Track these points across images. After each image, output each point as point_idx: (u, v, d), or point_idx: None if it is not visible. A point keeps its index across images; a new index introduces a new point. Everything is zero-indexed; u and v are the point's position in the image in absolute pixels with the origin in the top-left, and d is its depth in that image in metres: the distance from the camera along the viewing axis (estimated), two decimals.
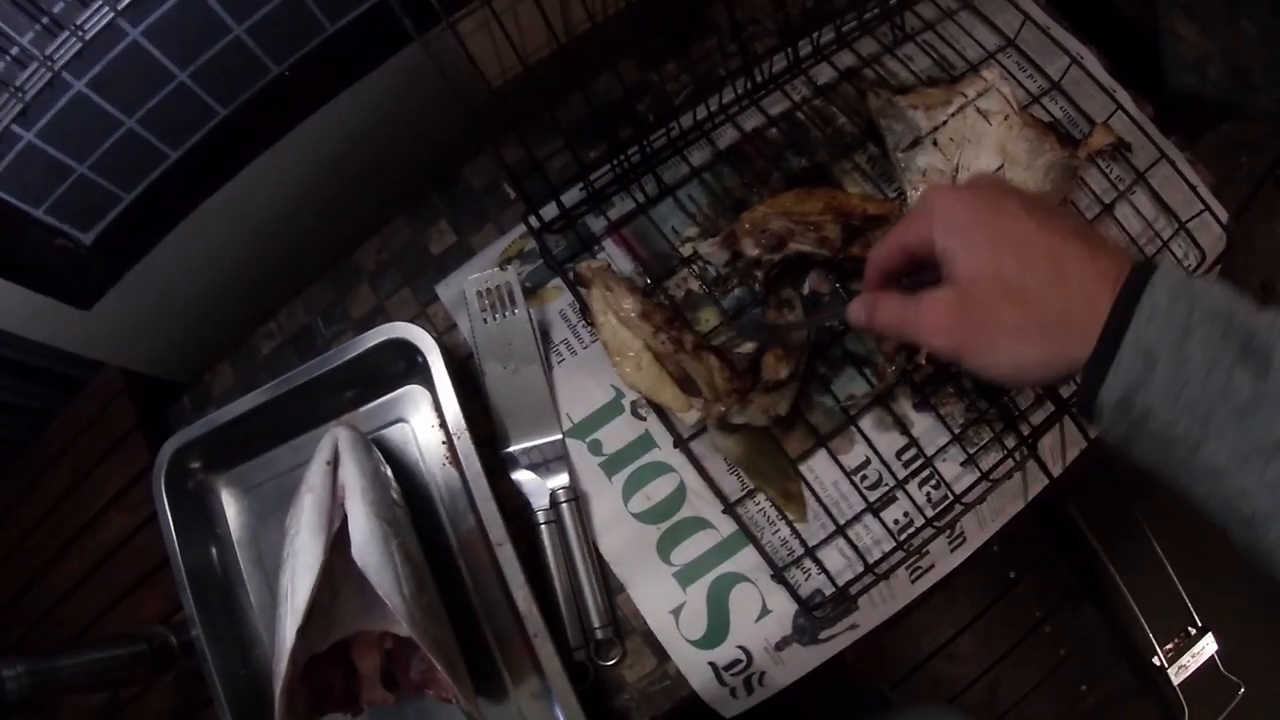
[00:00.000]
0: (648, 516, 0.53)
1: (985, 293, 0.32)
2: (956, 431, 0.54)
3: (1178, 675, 0.66)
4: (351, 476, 0.49)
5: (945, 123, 0.59)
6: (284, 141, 0.57)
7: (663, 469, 0.53)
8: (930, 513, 0.53)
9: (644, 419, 0.54)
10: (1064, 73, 0.61)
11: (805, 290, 0.55)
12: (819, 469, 0.53)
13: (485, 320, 0.55)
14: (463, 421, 0.51)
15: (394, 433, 0.57)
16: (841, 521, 0.52)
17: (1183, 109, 0.73)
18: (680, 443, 0.51)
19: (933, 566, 0.54)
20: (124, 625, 0.61)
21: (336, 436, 0.51)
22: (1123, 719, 1.01)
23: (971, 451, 0.54)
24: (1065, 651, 1.03)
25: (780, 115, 0.61)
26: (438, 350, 0.52)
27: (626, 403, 0.55)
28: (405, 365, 0.56)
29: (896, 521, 0.53)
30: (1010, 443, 0.54)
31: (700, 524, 0.52)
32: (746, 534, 0.51)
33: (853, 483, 0.53)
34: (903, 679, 1.04)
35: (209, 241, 0.60)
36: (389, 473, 0.53)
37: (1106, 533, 0.70)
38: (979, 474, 0.53)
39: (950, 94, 0.59)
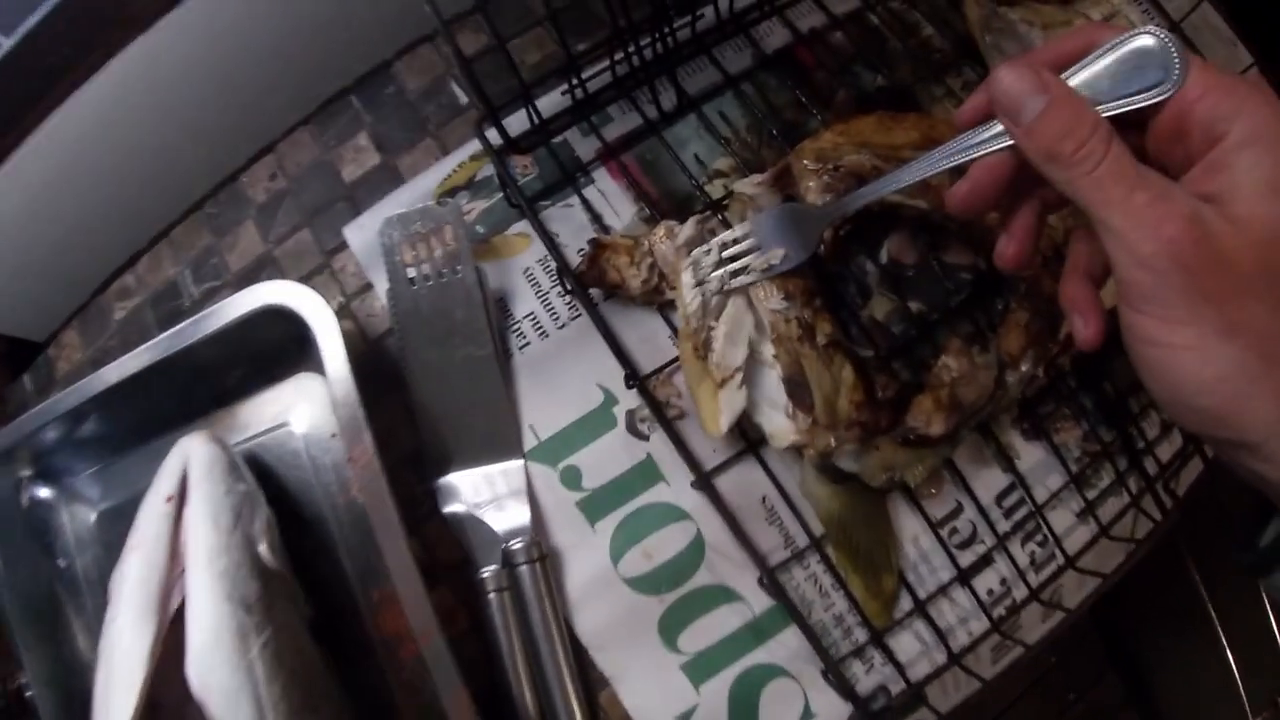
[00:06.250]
0: (648, 583, 0.34)
1: (1263, 253, 0.19)
2: (1074, 470, 0.36)
3: None
4: (200, 526, 0.30)
5: None
6: (159, 26, 0.36)
7: (672, 514, 0.34)
8: (1035, 580, 0.35)
9: (646, 438, 0.34)
10: (1186, 14, 0.45)
11: (883, 258, 0.36)
12: (893, 519, 0.34)
13: (413, 281, 0.34)
14: (367, 434, 0.30)
15: (278, 442, 0.36)
16: (923, 596, 0.34)
17: None
18: (702, 480, 0.32)
19: (1019, 643, 0.37)
20: None
21: (187, 454, 0.31)
22: None
23: (1091, 497, 0.36)
24: (1056, 659, 0.89)
25: (848, 15, 0.41)
26: (332, 323, 0.31)
27: (621, 411, 0.35)
28: (297, 343, 0.35)
29: (991, 592, 0.35)
30: (1133, 485, 0.37)
31: (724, 595, 0.33)
32: (791, 612, 0.32)
33: (939, 538, 0.34)
34: None
35: (61, 163, 0.39)
36: (264, 516, 0.32)
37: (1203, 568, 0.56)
38: (1097, 529, 0.36)
39: (1070, 13, 0.43)
